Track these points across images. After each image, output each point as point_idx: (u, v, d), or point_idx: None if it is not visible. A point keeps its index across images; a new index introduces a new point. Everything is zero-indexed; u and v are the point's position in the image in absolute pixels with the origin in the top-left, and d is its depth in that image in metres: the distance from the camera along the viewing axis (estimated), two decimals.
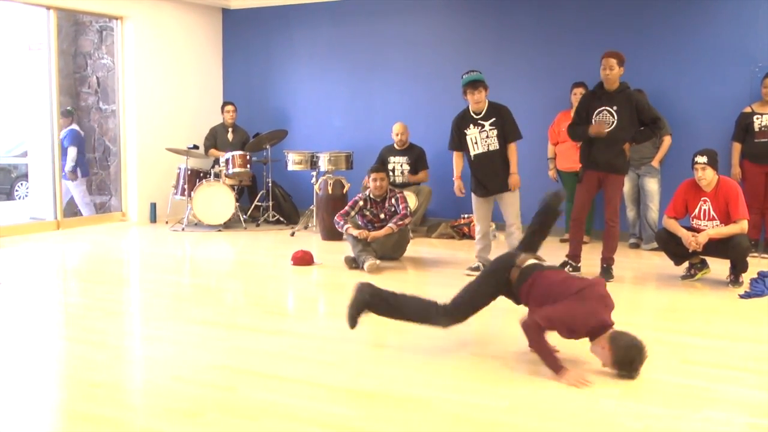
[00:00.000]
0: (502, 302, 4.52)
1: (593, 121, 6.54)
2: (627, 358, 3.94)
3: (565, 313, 4.02)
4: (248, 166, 9.58)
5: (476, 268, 6.74)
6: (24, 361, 4.35)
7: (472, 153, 6.75)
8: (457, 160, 6.96)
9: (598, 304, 4.08)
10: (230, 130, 10.36)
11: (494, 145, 6.67)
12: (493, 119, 6.66)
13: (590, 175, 6.65)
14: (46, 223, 9.51)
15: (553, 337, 4.09)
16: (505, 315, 4.86)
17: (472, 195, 6.91)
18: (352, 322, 4.44)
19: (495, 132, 6.64)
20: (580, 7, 8.80)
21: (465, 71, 6.70)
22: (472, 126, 6.70)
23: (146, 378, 4.18)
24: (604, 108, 6.50)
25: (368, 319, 4.45)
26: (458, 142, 6.83)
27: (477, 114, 6.69)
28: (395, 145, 9.38)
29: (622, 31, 8.53)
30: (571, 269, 6.78)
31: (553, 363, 3.99)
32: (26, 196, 13.94)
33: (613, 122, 6.45)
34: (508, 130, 6.67)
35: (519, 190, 6.79)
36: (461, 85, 6.66)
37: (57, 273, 7.21)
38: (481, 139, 6.68)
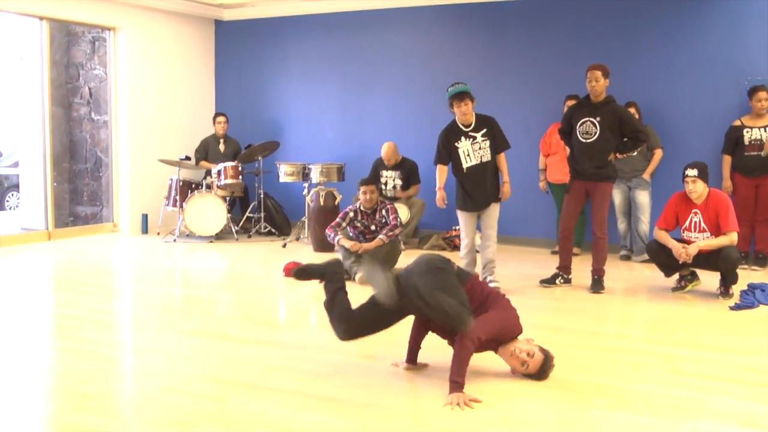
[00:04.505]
0: None
1: (576, 131, 6.61)
2: (549, 365, 4.16)
3: (500, 322, 4.12)
4: (240, 177, 9.59)
5: None
6: (15, 372, 4.34)
7: (464, 165, 6.69)
8: (441, 173, 6.83)
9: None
10: (222, 141, 10.36)
11: (487, 156, 6.65)
12: (485, 130, 6.64)
13: (578, 185, 6.70)
14: (38, 233, 9.49)
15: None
16: None
17: (459, 211, 6.81)
18: (300, 276, 4.65)
19: (487, 143, 6.63)
20: (571, 21, 8.85)
21: (450, 84, 6.69)
22: (463, 138, 6.67)
23: (137, 389, 4.18)
24: (587, 119, 6.57)
25: None
26: (446, 156, 6.75)
27: (466, 126, 6.66)
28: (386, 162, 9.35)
29: (613, 45, 8.58)
30: (562, 281, 6.80)
31: (462, 375, 3.90)
32: (17, 206, 13.91)
33: (595, 132, 6.52)
34: (499, 141, 6.67)
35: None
36: (447, 97, 6.62)
37: (48, 283, 7.20)
38: (473, 151, 6.66)
